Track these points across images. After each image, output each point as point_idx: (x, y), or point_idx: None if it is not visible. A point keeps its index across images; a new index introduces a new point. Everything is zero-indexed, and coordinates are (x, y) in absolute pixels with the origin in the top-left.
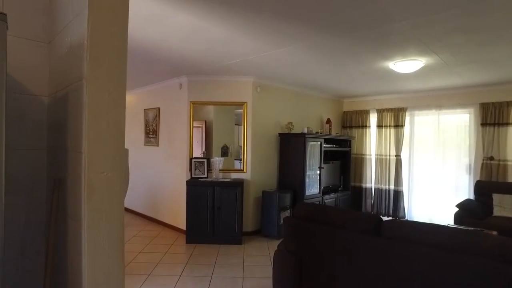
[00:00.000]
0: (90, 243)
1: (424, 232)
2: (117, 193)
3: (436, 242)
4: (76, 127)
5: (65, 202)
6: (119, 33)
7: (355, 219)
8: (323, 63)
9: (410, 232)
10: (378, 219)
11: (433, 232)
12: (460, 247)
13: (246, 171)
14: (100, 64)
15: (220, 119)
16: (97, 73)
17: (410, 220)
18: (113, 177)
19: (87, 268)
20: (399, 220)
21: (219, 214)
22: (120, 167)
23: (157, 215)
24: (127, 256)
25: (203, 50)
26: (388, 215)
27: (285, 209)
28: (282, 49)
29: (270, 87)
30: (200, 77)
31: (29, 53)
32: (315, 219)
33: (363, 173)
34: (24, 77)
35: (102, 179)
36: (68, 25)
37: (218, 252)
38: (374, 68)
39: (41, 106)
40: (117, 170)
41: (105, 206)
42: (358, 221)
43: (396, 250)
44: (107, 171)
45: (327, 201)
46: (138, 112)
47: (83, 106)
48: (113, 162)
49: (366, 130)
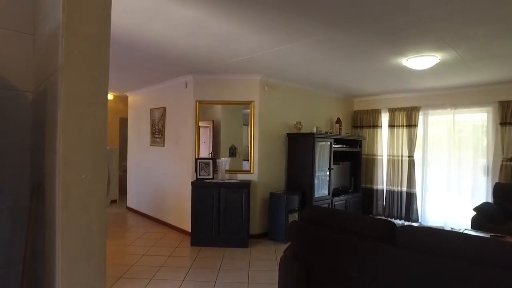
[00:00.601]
0: (65, 258)
1: (443, 240)
2: (98, 199)
3: (457, 252)
4: (52, 124)
5: (44, 208)
6: (100, 17)
7: (366, 224)
8: (333, 59)
9: (427, 240)
10: (391, 225)
11: (454, 241)
12: (486, 259)
13: (253, 172)
14: (77, 53)
15: (228, 119)
16: (73, 63)
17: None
18: (93, 180)
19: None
20: (414, 227)
21: (224, 216)
22: (102, 170)
23: (162, 216)
24: (130, 258)
25: (208, 46)
26: (401, 218)
27: (293, 212)
28: (290, 45)
29: (278, 86)
30: (206, 75)
31: (12, 45)
32: (323, 224)
33: (374, 175)
34: (7, 70)
35: (80, 182)
36: (48, 12)
37: (224, 256)
38: (386, 65)
39: (25, 102)
40: (99, 172)
41: (83, 214)
42: (370, 227)
43: (411, 260)
44: (87, 173)
45: (336, 203)
46: (144, 112)
47: (58, 100)
48: (93, 164)
49: (377, 130)
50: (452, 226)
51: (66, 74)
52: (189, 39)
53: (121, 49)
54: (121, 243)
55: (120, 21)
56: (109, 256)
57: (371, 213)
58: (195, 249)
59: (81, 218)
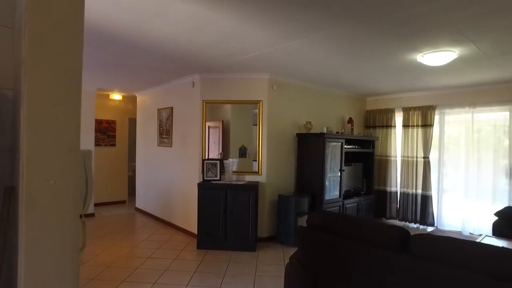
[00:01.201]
0: (28, 275)
1: (463, 250)
2: (69, 207)
3: (478, 265)
4: (18, 123)
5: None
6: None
7: (378, 231)
8: (343, 56)
9: (445, 251)
10: (405, 233)
11: (475, 252)
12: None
13: (262, 174)
14: (43, 43)
15: (237, 119)
16: (38, 54)
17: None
18: (63, 186)
19: None
20: (430, 235)
21: (231, 219)
22: (74, 174)
23: (170, 218)
24: (135, 261)
25: (213, 44)
26: (415, 222)
27: (303, 215)
28: (298, 41)
29: (287, 85)
30: (212, 74)
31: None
32: (331, 230)
33: (387, 176)
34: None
35: (47, 188)
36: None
37: (230, 260)
38: (400, 61)
39: (5, 101)
40: (70, 177)
41: (50, 224)
42: (382, 234)
43: (427, 271)
44: (55, 178)
45: (348, 206)
46: (152, 112)
47: (22, 96)
48: (63, 167)
49: (391, 130)
50: (471, 231)
51: (30, 67)
52: (193, 36)
53: (125, 49)
54: (127, 244)
55: (121, 17)
56: (114, 258)
57: (385, 216)
58: (201, 252)
59: (48, 231)
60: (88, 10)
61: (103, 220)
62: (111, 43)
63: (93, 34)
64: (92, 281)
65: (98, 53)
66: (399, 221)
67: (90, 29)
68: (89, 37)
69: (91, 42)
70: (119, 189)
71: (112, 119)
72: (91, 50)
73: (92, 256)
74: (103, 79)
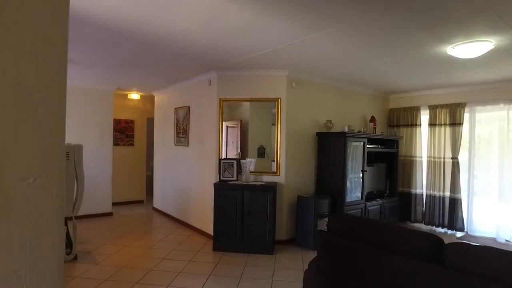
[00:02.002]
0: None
1: (507, 264)
2: (52, 211)
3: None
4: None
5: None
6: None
7: (406, 238)
8: (366, 50)
9: (486, 263)
10: (438, 241)
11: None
12: None
13: (280, 174)
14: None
15: (256, 119)
16: (8, 35)
17: (485, 246)
18: (44, 186)
19: None
20: (468, 244)
21: (248, 220)
22: (59, 171)
23: (186, 218)
24: (149, 262)
25: (228, 39)
26: (443, 226)
27: (323, 217)
28: (319, 33)
29: (306, 82)
30: (229, 72)
31: None
32: (353, 235)
33: (412, 177)
34: None
35: (25, 189)
36: None
37: (246, 263)
38: (428, 54)
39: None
40: (53, 175)
41: (27, 232)
42: (411, 242)
43: (463, 285)
44: (35, 176)
45: (370, 208)
46: (169, 111)
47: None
48: (45, 163)
49: (415, 129)
50: (507, 238)
51: (3, 47)
52: (208, 31)
53: (139, 45)
54: (142, 245)
55: (133, 12)
56: (129, 259)
57: (409, 220)
58: (217, 254)
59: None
60: (99, 7)
61: (121, 220)
62: (125, 40)
63: (106, 31)
64: (106, 281)
65: (112, 50)
66: (425, 225)
67: (103, 26)
68: (102, 34)
69: (105, 39)
70: (137, 189)
71: (130, 119)
72: (105, 47)
73: (107, 256)
74: (121, 78)
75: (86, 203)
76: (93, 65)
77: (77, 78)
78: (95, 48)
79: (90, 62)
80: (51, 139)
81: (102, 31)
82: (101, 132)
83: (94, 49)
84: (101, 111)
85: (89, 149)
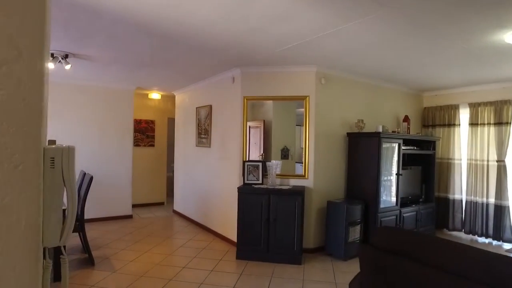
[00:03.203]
0: None
1: None
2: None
3: None
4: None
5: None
6: None
7: (485, 264)
8: (408, 40)
9: None
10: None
11: None
12: None
13: (308, 177)
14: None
15: (280, 119)
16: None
17: None
18: (13, 208)
19: None
20: None
21: (275, 227)
22: (31, 190)
23: (208, 223)
24: (169, 271)
25: (253, 31)
26: (486, 236)
27: (355, 224)
28: (354, 22)
29: (336, 78)
30: (254, 68)
31: None
32: (407, 254)
33: (450, 182)
34: None
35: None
36: None
37: (273, 274)
38: (480, 43)
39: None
40: (22, 197)
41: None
42: (486, 267)
43: None
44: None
45: (406, 215)
46: (191, 111)
47: None
48: (15, 176)
49: (454, 129)
50: None
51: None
52: (232, 20)
53: (158, 40)
54: (162, 251)
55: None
56: (148, 266)
57: (447, 228)
58: (241, 263)
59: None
60: None
61: (141, 223)
62: (143, 34)
63: (123, 23)
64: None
65: (131, 45)
66: (465, 233)
67: (120, 17)
68: (119, 26)
69: (122, 33)
70: (157, 191)
71: (151, 119)
72: (123, 42)
73: (126, 263)
74: (141, 77)
75: (106, 206)
76: (111, 63)
77: (96, 77)
78: (112, 43)
79: (109, 59)
80: (22, 142)
81: (119, 23)
82: (121, 133)
83: (111, 44)
84: (121, 111)
85: (109, 150)
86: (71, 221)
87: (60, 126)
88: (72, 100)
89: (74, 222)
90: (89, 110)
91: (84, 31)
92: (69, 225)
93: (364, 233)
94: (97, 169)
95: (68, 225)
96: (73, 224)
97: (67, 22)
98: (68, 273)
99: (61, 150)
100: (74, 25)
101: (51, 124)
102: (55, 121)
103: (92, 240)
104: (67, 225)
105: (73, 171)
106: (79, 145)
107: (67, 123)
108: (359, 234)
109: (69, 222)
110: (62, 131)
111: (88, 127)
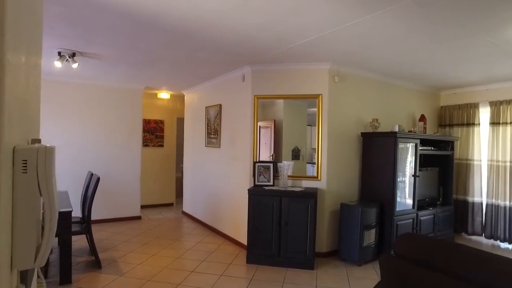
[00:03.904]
0: None
1: None
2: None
3: None
4: None
5: None
6: None
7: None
8: (427, 32)
9: None
10: None
11: None
12: None
13: (321, 179)
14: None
15: (290, 119)
16: None
17: None
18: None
19: None
20: None
21: (286, 231)
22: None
23: (217, 225)
24: (177, 275)
25: (264, 25)
26: (510, 241)
27: (370, 228)
28: (372, 15)
29: (350, 76)
30: (265, 66)
31: None
32: (431, 263)
33: (469, 184)
34: None
35: None
36: None
37: (284, 279)
38: (504, 36)
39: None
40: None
41: None
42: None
43: None
44: None
45: (423, 218)
46: (200, 111)
47: None
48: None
49: (473, 129)
50: None
51: None
52: (243, 13)
53: (165, 36)
54: (171, 254)
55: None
56: (155, 270)
57: (466, 232)
58: (251, 267)
59: None
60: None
61: (149, 224)
62: (148, 29)
63: (128, 18)
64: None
65: (137, 42)
66: (486, 238)
67: (124, 12)
68: (124, 23)
69: (127, 30)
70: (166, 191)
71: (160, 119)
72: (129, 39)
73: (133, 266)
74: (149, 76)
75: (114, 206)
76: (119, 62)
77: (104, 76)
78: (118, 40)
79: (115, 58)
80: None
81: (125, 19)
82: (129, 133)
83: (119, 42)
84: (129, 111)
85: (118, 151)
86: (49, 238)
87: (68, 126)
88: (80, 100)
89: (52, 239)
90: (97, 110)
91: (90, 28)
92: (45, 243)
93: (380, 237)
94: (105, 170)
95: (45, 243)
96: (52, 242)
97: (74, 19)
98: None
99: (36, 151)
100: (80, 22)
101: (58, 124)
102: (62, 121)
103: (100, 242)
104: (44, 244)
105: (51, 176)
106: (87, 145)
107: (75, 123)
108: (374, 238)
109: (46, 240)
110: (70, 131)
111: (96, 127)
